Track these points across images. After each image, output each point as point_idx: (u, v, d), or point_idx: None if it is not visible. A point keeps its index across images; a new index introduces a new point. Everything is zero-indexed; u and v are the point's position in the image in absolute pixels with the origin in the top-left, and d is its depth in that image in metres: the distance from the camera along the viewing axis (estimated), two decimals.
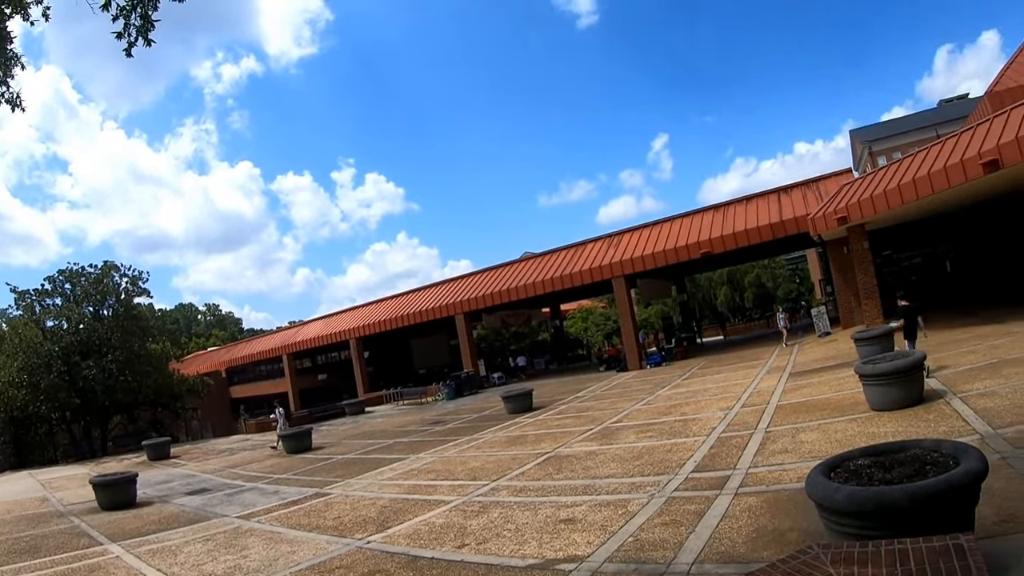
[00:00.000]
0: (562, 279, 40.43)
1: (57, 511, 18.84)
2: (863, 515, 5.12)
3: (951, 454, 5.79)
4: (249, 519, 13.64)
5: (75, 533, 14.86)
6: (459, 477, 14.37)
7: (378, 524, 11.11)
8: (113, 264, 48.77)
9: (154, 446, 33.81)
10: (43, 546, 13.65)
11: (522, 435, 19.29)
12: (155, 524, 14.70)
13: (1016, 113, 19.43)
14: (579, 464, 13.31)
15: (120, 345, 44.63)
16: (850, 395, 14.46)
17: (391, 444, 22.84)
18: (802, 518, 7.43)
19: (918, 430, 10.16)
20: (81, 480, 24.95)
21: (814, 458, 9.63)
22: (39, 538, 14.64)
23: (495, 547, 8.62)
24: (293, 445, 25.56)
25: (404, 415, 35.01)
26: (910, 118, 73.21)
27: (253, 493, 17.32)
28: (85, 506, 18.72)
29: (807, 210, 31.18)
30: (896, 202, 22.96)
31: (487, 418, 25.47)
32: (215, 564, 10.12)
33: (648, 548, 7.52)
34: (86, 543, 13.51)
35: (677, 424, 15.98)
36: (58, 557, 12.33)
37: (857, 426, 11.49)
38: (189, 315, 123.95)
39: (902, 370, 12.21)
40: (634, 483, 10.79)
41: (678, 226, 37.77)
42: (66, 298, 47.38)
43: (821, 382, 17.89)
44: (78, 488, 22.93)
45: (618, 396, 24.95)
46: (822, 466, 6.18)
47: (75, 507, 19.05)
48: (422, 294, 52.49)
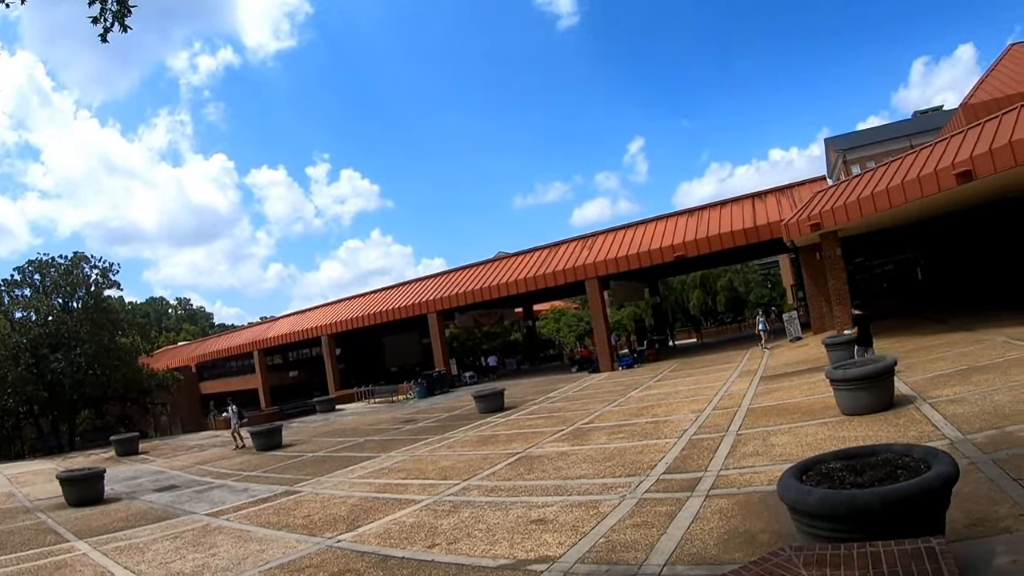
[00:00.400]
0: (535, 279, 40.46)
1: (23, 507, 18.61)
2: (835, 518, 5.15)
3: (922, 458, 5.84)
4: (218, 517, 13.52)
5: (41, 529, 14.69)
6: (430, 476, 14.32)
7: (348, 523, 11.05)
8: (83, 255, 48.28)
9: (122, 442, 33.41)
10: (8, 542, 13.48)
11: (493, 435, 19.28)
12: (123, 521, 14.54)
13: (990, 126, 19.65)
14: (550, 464, 13.30)
15: (89, 338, 44.19)
16: (821, 399, 14.54)
17: (362, 442, 22.76)
18: (773, 520, 7.45)
19: (888, 435, 10.22)
20: (48, 475, 24.66)
21: (785, 461, 9.67)
22: (4, 534, 14.45)
23: (466, 547, 8.58)
24: (263, 442, 25.37)
25: (375, 413, 34.91)
26: (885, 128, 74.07)
27: (222, 490, 17.19)
28: (52, 502, 18.51)
29: (781, 216, 31.40)
30: (870, 210, 23.15)
31: (458, 417, 25.43)
32: (183, 562, 10.01)
33: (620, 549, 7.51)
34: (53, 540, 13.35)
35: (649, 426, 16.02)
36: (24, 554, 12.17)
37: (828, 430, 11.56)
38: (160, 309, 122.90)
39: (872, 375, 12.31)
40: (605, 484, 10.79)
41: (652, 229, 37.94)
42: (35, 289, 46.87)
43: (792, 386, 18.02)
44: (45, 483, 22.66)
45: (590, 397, 25.00)
46: (794, 469, 6.20)
47: (42, 503, 18.83)
48: (395, 292, 52.37)
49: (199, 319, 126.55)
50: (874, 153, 62.16)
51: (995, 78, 29.57)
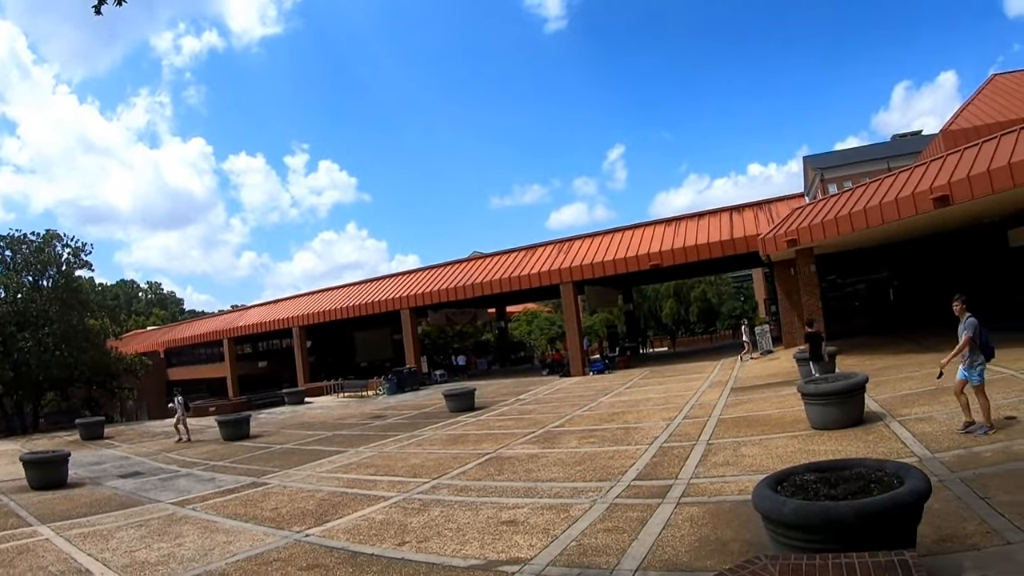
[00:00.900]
0: (510, 281, 40.50)
1: None
2: (810, 528, 5.20)
3: (895, 473, 5.92)
4: (184, 506, 13.36)
5: (2, 512, 14.42)
6: (399, 474, 14.27)
7: (316, 517, 10.98)
8: (56, 233, 47.36)
9: (88, 425, 32.99)
10: None
11: (464, 434, 19.26)
12: (87, 507, 14.33)
13: (969, 153, 19.93)
14: (521, 466, 13.32)
15: (58, 318, 43.46)
16: (791, 413, 14.68)
17: (330, 436, 22.66)
18: (744, 530, 7.52)
19: (858, 450, 10.35)
20: (11, 457, 24.33)
21: (755, 472, 9.77)
22: None
23: (436, 546, 8.56)
24: (230, 432, 25.15)
25: (344, 407, 34.74)
26: (863, 149, 74.86)
27: (188, 479, 17.01)
28: (13, 484, 18.22)
29: (758, 230, 31.62)
30: (847, 229, 23.38)
31: (428, 415, 25.39)
32: (148, 551, 9.87)
33: (591, 553, 7.54)
34: (14, 523, 13.11)
35: (619, 432, 16.08)
36: None
37: (798, 443, 11.68)
38: (130, 292, 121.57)
39: (843, 391, 12.47)
40: (576, 488, 10.81)
41: (630, 237, 38.14)
42: (5, 265, 45.89)
43: (763, 398, 18.17)
44: (7, 465, 22.37)
45: (561, 401, 25.06)
46: (769, 479, 6.26)
47: (3, 484, 18.53)
48: (369, 286, 52.20)
49: (169, 304, 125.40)
50: (852, 173, 62.76)
51: (976, 107, 29.98)
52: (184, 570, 8.74)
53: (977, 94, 31.42)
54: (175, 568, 8.87)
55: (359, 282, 55.42)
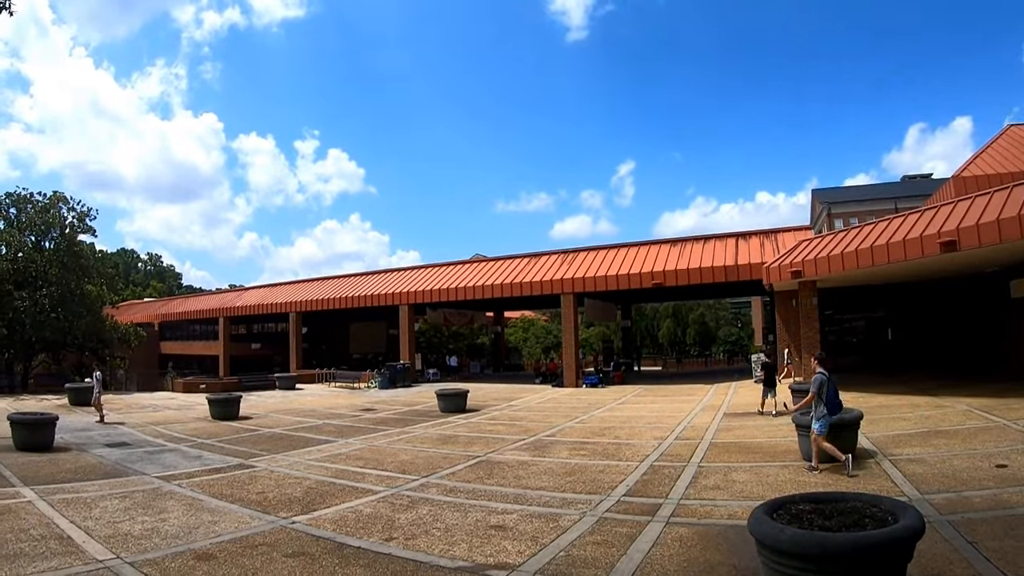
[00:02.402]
0: (512, 286, 40.62)
1: None
2: (806, 557, 5.21)
3: (890, 510, 5.93)
4: (169, 481, 13.31)
5: None
6: (388, 468, 14.25)
7: (303, 505, 10.96)
8: (62, 196, 47.59)
9: (77, 391, 32.90)
10: None
11: (455, 435, 19.26)
12: (71, 472, 14.27)
13: (980, 200, 19.98)
14: (511, 472, 13.32)
15: (56, 281, 43.59)
16: (783, 443, 14.75)
17: (320, 425, 22.65)
18: (732, 554, 7.54)
19: (848, 485, 10.36)
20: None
21: (746, 498, 9.82)
22: None
23: (424, 544, 8.55)
24: (220, 411, 25.14)
25: (335, 397, 34.81)
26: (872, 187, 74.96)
27: (175, 455, 16.94)
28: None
29: (763, 258, 31.76)
30: (852, 265, 23.41)
31: (419, 413, 25.41)
32: (132, 524, 9.81)
33: (580, 565, 7.53)
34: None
35: (611, 446, 16.09)
36: None
37: (789, 473, 11.72)
38: (129, 262, 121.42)
39: (838, 425, 12.44)
40: (566, 499, 10.81)
41: (634, 254, 38.24)
42: (9, 223, 46.07)
43: (755, 426, 18.23)
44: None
45: (552, 411, 25.09)
46: (766, 506, 6.26)
47: None
48: (369, 279, 52.35)
49: (168, 277, 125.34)
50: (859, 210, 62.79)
51: (989, 155, 30.09)
52: (168, 546, 8.69)
53: (992, 143, 31.54)
54: (158, 543, 8.82)
55: (359, 273, 55.62)
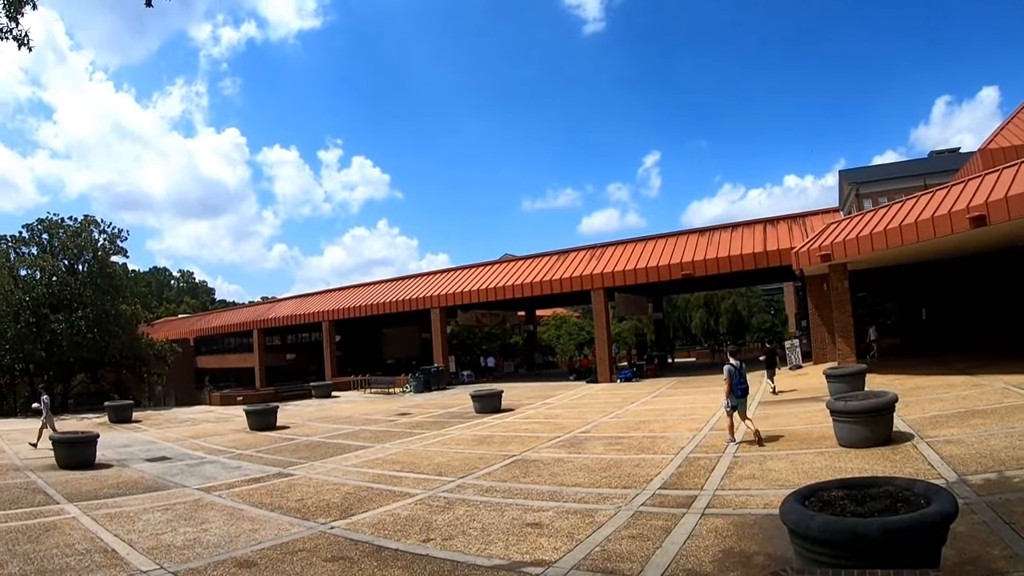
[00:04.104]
0: (542, 285, 40.59)
1: (13, 464, 18.59)
2: (836, 544, 5.22)
3: (923, 494, 5.91)
4: (210, 492, 13.53)
5: (31, 489, 14.63)
6: (425, 471, 14.37)
7: (342, 510, 11.09)
8: (93, 219, 48.49)
9: (116, 408, 33.50)
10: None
11: (490, 435, 19.35)
12: (113, 488, 14.51)
13: (1008, 173, 19.67)
14: (546, 470, 13.38)
15: (91, 302, 44.31)
16: (818, 429, 14.63)
17: (357, 431, 22.79)
18: (768, 543, 7.54)
19: (884, 469, 10.30)
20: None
21: (781, 487, 9.77)
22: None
23: (461, 544, 8.64)
24: (257, 422, 25.39)
25: (371, 403, 34.97)
26: (900, 165, 73.89)
27: (215, 466, 17.20)
28: (42, 462, 18.50)
29: (792, 244, 31.50)
30: (881, 245, 23.16)
31: (455, 415, 25.51)
32: (174, 535, 10.00)
33: (615, 559, 7.58)
34: (42, 500, 13.32)
35: (646, 440, 16.11)
36: (12, 512, 12.12)
37: (824, 460, 11.64)
38: (162, 279, 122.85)
39: (872, 410, 12.38)
40: (601, 494, 10.86)
41: (662, 245, 38.03)
42: (42, 248, 46.97)
43: (790, 414, 18.10)
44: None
45: (587, 406, 25.08)
46: (797, 494, 6.27)
47: (32, 462, 18.83)
48: (399, 284, 52.50)
49: (200, 293, 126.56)
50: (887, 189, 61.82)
51: (1016, 125, 29.56)
52: (209, 555, 8.86)
53: (1017, 112, 30.92)
54: (200, 552, 9.00)
55: (390, 279, 55.79)
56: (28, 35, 8.03)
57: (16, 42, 7.95)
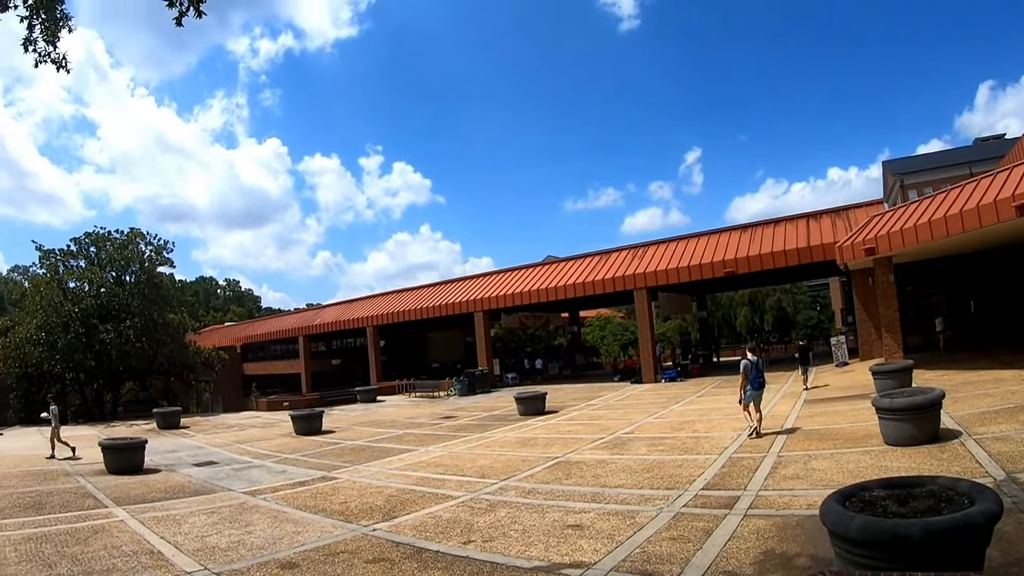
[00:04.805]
0: (584, 286, 40.49)
1: (64, 470, 18.95)
2: (876, 546, 5.14)
3: (966, 493, 5.79)
4: (255, 496, 13.71)
5: (81, 493, 14.96)
6: (467, 474, 14.41)
7: (384, 513, 11.16)
8: (139, 232, 49.50)
9: (165, 415, 34.01)
10: (48, 503, 13.75)
11: (533, 437, 19.36)
12: (161, 492, 14.78)
13: None
14: (589, 471, 13.35)
15: (139, 312, 45.17)
16: (864, 427, 14.42)
17: (401, 435, 22.93)
18: (810, 545, 7.44)
19: (931, 468, 10.13)
20: (90, 441, 25.13)
21: (825, 486, 9.64)
22: (44, 495, 14.74)
23: (501, 546, 8.65)
24: (303, 427, 25.66)
25: (415, 407, 35.14)
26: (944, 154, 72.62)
27: (260, 470, 17.41)
28: (92, 467, 18.86)
29: (835, 238, 31.07)
30: (925, 237, 22.79)
31: (498, 417, 25.55)
32: (219, 537, 10.17)
33: (655, 561, 7.53)
34: (91, 504, 13.60)
35: (689, 440, 16.01)
36: (62, 515, 12.40)
37: (870, 459, 11.47)
38: (209, 288, 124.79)
39: (919, 407, 12.17)
40: (643, 495, 10.80)
41: (704, 243, 37.73)
42: (90, 261, 48.02)
43: (836, 412, 17.87)
44: (86, 449, 23.02)
45: (631, 407, 24.98)
46: (837, 494, 6.18)
47: (82, 467, 19.21)
48: (442, 288, 52.68)
49: (247, 301, 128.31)
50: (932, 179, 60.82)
51: None
52: (253, 556, 8.99)
53: None
54: (244, 554, 9.13)
55: (433, 284, 55.99)
56: (66, 58, 8.16)
57: (55, 65, 8.08)
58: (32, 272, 52.33)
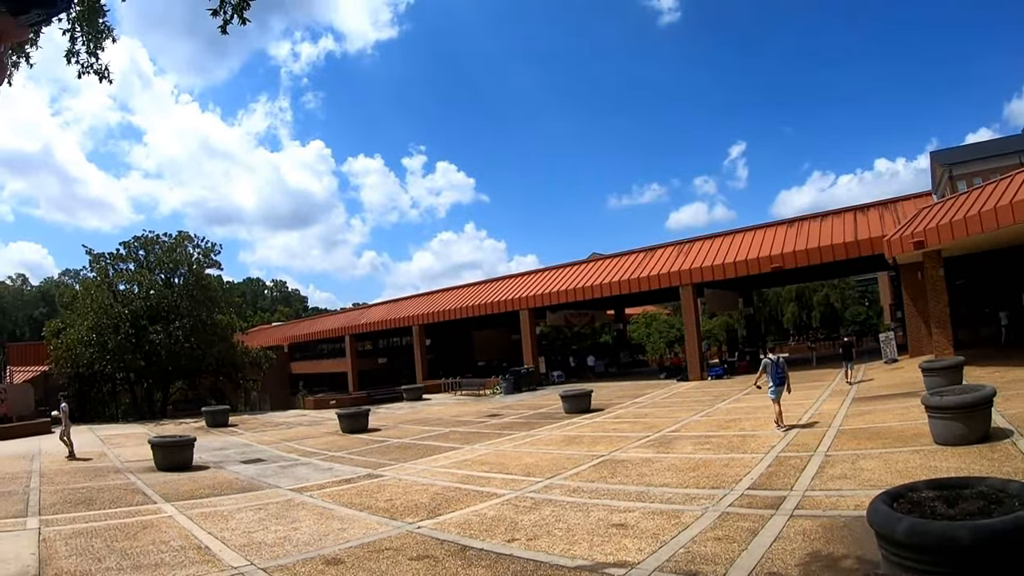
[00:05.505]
0: (629, 283, 40.36)
1: (114, 467, 19.42)
2: (923, 549, 5.06)
3: (1018, 495, 5.67)
4: (301, 493, 13.88)
5: (130, 489, 15.29)
6: (513, 472, 14.45)
7: (429, 510, 11.23)
8: (187, 235, 50.47)
9: (213, 413, 34.55)
10: (98, 499, 14.07)
11: (578, 435, 19.34)
12: (209, 488, 15.04)
13: None
14: (634, 470, 13.31)
15: (188, 313, 46.01)
16: (913, 426, 14.18)
17: (447, 433, 23.04)
18: (857, 547, 7.34)
19: (981, 468, 9.94)
20: (139, 439, 25.64)
21: (873, 487, 9.49)
22: (95, 491, 15.09)
23: (545, 544, 8.66)
24: (350, 425, 25.87)
25: (461, 405, 35.28)
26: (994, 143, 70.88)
27: (307, 468, 17.63)
28: (142, 464, 19.25)
29: (883, 231, 30.63)
30: (975, 229, 22.37)
31: (544, 415, 25.55)
32: (265, 533, 10.32)
33: (699, 561, 7.48)
34: (140, 500, 13.91)
35: (735, 439, 15.90)
36: (112, 511, 12.68)
37: (919, 458, 11.28)
38: (256, 289, 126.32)
39: (969, 405, 11.94)
40: (688, 494, 10.75)
41: (750, 238, 37.43)
42: (139, 264, 49.05)
43: (885, 410, 17.60)
44: (136, 447, 23.55)
45: (677, 405, 24.88)
46: (885, 495, 6.10)
47: (132, 464, 19.63)
48: (487, 287, 52.82)
49: (293, 301, 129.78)
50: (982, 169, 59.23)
51: None
52: (299, 552, 9.12)
53: None
54: (290, 550, 9.27)
55: (478, 282, 56.19)
56: (108, 68, 8.29)
57: (97, 75, 8.21)
58: (83, 275, 53.68)
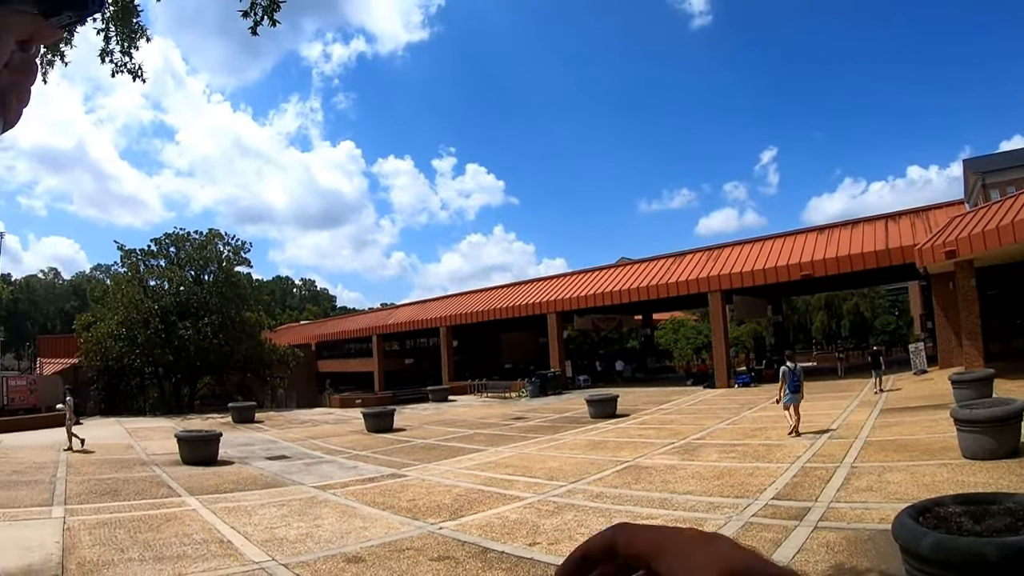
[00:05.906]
0: (658, 288, 40.26)
1: (140, 459, 19.67)
2: (949, 565, 5.00)
3: None
4: (325, 490, 13.93)
5: (155, 482, 15.46)
6: (536, 475, 14.41)
7: (452, 511, 11.23)
8: (217, 232, 50.96)
9: (240, 409, 34.85)
10: (124, 490, 14.26)
11: (603, 440, 19.27)
12: (233, 483, 15.15)
13: None
14: (658, 477, 13.24)
15: (217, 310, 46.56)
16: (942, 439, 14.00)
17: (471, 434, 23.05)
18: (881, 560, 7.26)
19: (1010, 484, 9.82)
20: (166, 433, 25.86)
21: (899, 500, 9.39)
22: (120, 482, 15.30)
23: (566, 548, 8.55)
24: (375, 424, 25.94)
25: (486, 407, 35.32)
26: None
27: (331, 466, 17.73)
28: (167, 458, 19.42)
29: (915, 240, 30.31)
30: (1008, 239, 22.09)
31: (569, 419, 25.48)
32: (288, 529, 10.39)
33: None
34: (165, 493, 14.04)
35: (761, 448, 15.78)
36: (137, 503, 12.86)
37: (947, 472, 11.14)
38: (285, 288, 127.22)
39: (999, 419, 11.77)
40: (712, 503, 10.69)
41: (780, 245, 37.17)
42: (170, 260, 49.65)
43: (913, 422, 17.40)
44: (163, 440, 23.76)
45: (703, 412, 24.73)
46: (911, 509, 6.04)
47: (158, 457, 19.83)
48: (516, 289, 52.87)
49: (322, 300, 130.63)
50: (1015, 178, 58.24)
51: None
52: (320, 549, 9.18)
53: None
54: (311, 547, 9.33)
55: (506, 285, 56.28)
56: (141, 67, 8.38)
57: (130, 74, 8.30)
58: (114, 271, 54.73)
